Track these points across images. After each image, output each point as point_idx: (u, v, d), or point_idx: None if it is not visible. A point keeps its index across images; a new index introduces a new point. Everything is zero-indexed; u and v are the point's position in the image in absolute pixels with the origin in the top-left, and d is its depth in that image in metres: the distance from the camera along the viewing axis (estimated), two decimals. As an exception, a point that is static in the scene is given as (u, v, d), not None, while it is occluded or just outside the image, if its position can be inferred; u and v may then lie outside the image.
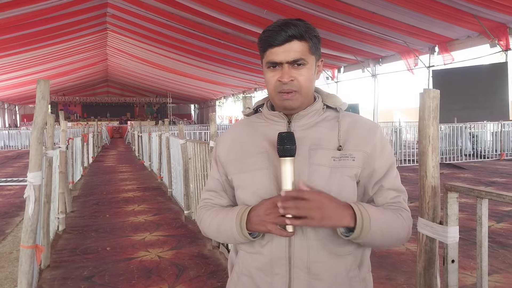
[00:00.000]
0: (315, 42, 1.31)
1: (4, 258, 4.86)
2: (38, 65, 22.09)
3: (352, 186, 1.29)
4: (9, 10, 12.80)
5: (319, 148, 1.30)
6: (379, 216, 1.24)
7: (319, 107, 1.36)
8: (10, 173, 12.46)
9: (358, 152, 1.30)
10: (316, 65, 1.34)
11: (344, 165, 1.28)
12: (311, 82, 1.32)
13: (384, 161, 1.32)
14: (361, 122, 1.36)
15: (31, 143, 2.98)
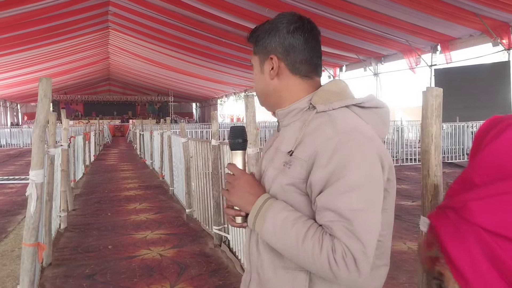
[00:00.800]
0: (258, 42, 1.26)
1: (6, 256, 4.87)
2: (40, 63, 22.12)
3: (287, 199, 1.13)
4: (12, 8, 12.83)
5: (279, 150, 1.21)
6: (281, 219, 1.08)
7: (303, 106, 1.21)
8: (12, 171, 12.48)
9: (296, 160, 1.12)
10: (263, 64, 1.26)
11: (283, 173, 1.15)
12: (258, 82, 1.29)
13: (324, 174, 1.05)
14: (327, 125, 1.12)
15: (33, 141, 2.98)
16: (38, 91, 2.94)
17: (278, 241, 1.09)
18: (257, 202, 1.15)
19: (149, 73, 30.15)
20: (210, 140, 5.10)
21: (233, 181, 1.21)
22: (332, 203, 1.03)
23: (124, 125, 33.15)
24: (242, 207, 1.19)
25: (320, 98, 1.19)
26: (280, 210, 1.10)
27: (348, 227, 1.00)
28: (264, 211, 1.12)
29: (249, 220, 1.16)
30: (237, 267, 4.22)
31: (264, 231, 1.12)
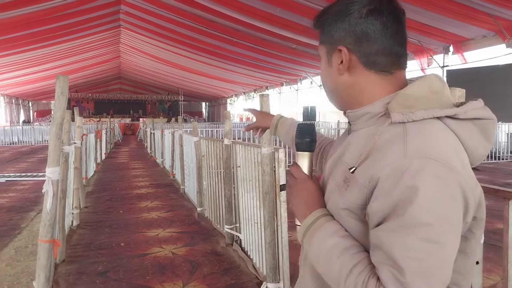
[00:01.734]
0: (326, 28, 1.04)
1: (20, 252, 4.91)
2: (51, 61, 22.30)
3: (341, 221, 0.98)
4: (24, 7, 12.94)
5: (342, 161, 1.03)
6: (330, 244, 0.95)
7: (376, 110, 0.99)
8: (24, 168, 12.60)
9: (355, 181, 0.93)
10: (330, 56, 1.05)
11: (339, 192, 0.99)
12: (326, 77, 1.08)
13: (383, 204, 0.86)
14: (401, 141, 0.89)
15: (50, 139, 3.00)
16: (56, 88, 2.96)
17: (320, 266, 0.98)
18: (308, 218, 1.02)
19: (160, 72, 30.27)
20: (223, 139, 5.10)
21: (294, 185, 1.10)
22: (386, 243, 0.84)
23: (134, 123, 33.32)
24: (296, 216, 1.09)
25: (398, 104, 0.95)
26: (330, 234, 0.96)
27: (398, 276, 0.82)
28: (313, 231, 1.00)
29: (298, 233, 1.06)
30: (249, 266, 4.22)
31: (309, 253, 1.02)
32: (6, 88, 28.37)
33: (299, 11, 12.22)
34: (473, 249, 0.97)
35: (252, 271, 4.10)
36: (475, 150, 0.95)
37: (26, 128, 24.55)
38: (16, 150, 19.71)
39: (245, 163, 4.31)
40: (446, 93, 0.97)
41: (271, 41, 16.26)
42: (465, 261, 0.95)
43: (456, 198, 0.85)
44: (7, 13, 13.06)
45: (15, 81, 25.91)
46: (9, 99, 31.61)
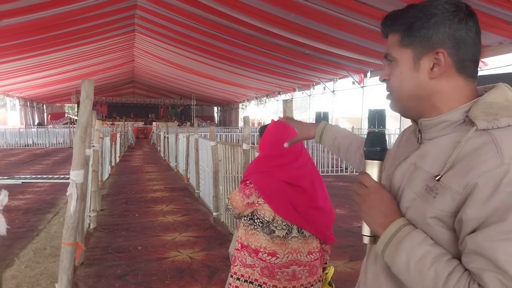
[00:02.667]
0: (412, 31, 1.02)
1: (39, 253, 4.95)
2: (66, 65, 22.53)
3: (428, 230, 0.95)
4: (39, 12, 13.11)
5: (420, 168, 1.01)
6: (419, 255, 0.92)
7: (456, 118, 0.99)
8: (40, 170, 12.72)
9: (445, 189, 0.92)
10: (418, 60, 1.02)
11: (425, 200, 0.96)
12: (403, 82, 1.05)
13: (482, 211, 0.86)
14: (490, 147, 0.89)
15: (75, 142, 3.01)
16: (81, 92, 2.97)
17: (410, 278, 0.94)
18: (390, 228, 0.98)
19: (173, 76, 30.41)
20: (240, 144, 5.10)
21: (366, 195, 1.05)
22: (488, 249, 0.84)
23: (147, 127, 33.49)
24: (371, 226, 1.04)
25: (481, 112, 0.94)
26: (418, 244, 0.93)
27: (504, 281, 0.81)
28: (398, 241, 0.96)
29: (378, 246, 1.01)
30: (267, 272, 4.19)
31: (396, 263, 0.96)
32: (21, 91, 28.73)
33: (314, 17, 12.22)
34: None
35: (271, 277, 4.07)
36: None
37: (41, 131, 24.80)
38: (31, 152, 19.92)
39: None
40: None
41: (285, 46, 16.26)
42: None
43: None
44: (24, 17, 13.24)
45: (30, 84, 26.23)
46: (24, 102, 31.98)
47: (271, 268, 2.09)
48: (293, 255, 2.11)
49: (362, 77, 19.37)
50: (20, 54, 17.56)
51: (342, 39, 13.78)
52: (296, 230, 2.13)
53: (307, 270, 2.14)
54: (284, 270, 2.09)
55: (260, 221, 2.14)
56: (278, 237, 2.11)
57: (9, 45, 15.78)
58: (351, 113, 30.28)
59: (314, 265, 2.18)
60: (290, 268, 2.10)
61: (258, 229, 2.15)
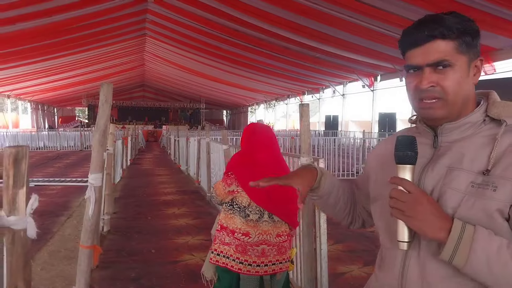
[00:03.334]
0: (467, 39, 1.09)
1: (54, 256, 4.99)
2: (77, 68, 22.77)
3: (489, 224, 0.99)
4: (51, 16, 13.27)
5: (457, 169, 1.07)
6: (495, 248, 0.95)
7: (477, 119, 1.11)
8: (52, 173, 12.82)
9: (504, 180, 0.99)
10: (470, 66, 1.11)
11: (481, 195, 1.01)
12: (461, 87, 1.09)
13: None
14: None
15: (93, 146, 3.04)
16: (100, 96, 2.99)
17: (492, 274, 0.96)
18: (455, 228, 0.98)
19: (183, 80, 30.58)
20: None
21: (414, 200, 1.02)
22: None
23: (157, 130, 33.66)
24: (426, 233, 1.01)
25: (501, 111, 1.09)
26: (489, 236, 0.97)
27: None
28: (468, 239, 0.97)
29: (445, 250, 0.99)
30: (282, 276, 4.19)
31: (472, 261, 0.97)
32: (33, 95, 29.05)
33: (323, 20, 12.24)
34: None
35: (285, 281, 4.07)
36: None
37: (52, 134, 25.01)
38: (43, 155, 20.08)
39: (279, 172, 4.30)
40: None
41: (294, 49, 16.29)
42: None
43: None
44: (36, 21, 13.41)
45: (41, 88, 26.54)
46: (36, 105, 32.31)
47: (244, 246, 2.54)
48: (263, 236, 2.56)
49: (373, 81, 19.33)
50: (32, 58, 17.78)
51: (353, 43, 13.79)
52: (267, 215, 2.57)
53: (275, 249, 2.58)
54: (254, 248, 2.55)
55: (238, 206, 2.59)
56: (252, 220, 2.55)
57: (21, 49, 15.99)
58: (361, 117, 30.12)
59: (283, 246, 2.62)
60: (260, 247, 2.55)
61: (235, 213, 2.58)
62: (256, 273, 2.55)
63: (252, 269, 2.54)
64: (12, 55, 16.67)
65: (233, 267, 2.56)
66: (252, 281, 2.57)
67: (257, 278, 2.57)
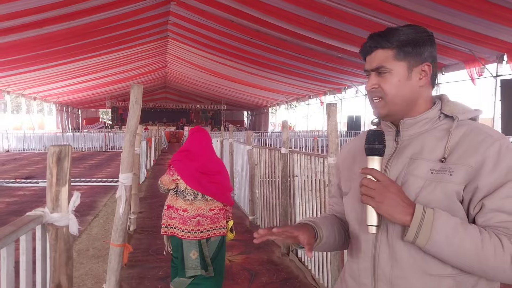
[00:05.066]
0: (406, 48, 1.26)
1: (82, 255, 5.09)
2: (101, 71, 23.15)
3: (448, 205, 1.14)
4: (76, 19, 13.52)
5: (418, 158, 1.22)
6: (451, 227, 1.09)
7: (433, 115, 1.28)
8: (78, 174, 13.05)
9: (459, 165, 1.15)
10: (411, 71, 1.26)
11: (440, 180, 1.16)
12: (399, 89, 1.26)
13: (493, 179, 1.12)
14: (477, 131, 1.20)
15: (124, 146, 3.09)
16: (130, 97, 3.05)
17: (451, 250, 1.10)
18: (417, 212, 1.12)
19: (204, 81, 30.76)
20: (279, 148, 5.12)
21: (382, 188, 1.15)
22: (506, 205, 1.10)
23: (179, 131, 33.94)
24: (393, 217, 1.14)
25: (455, 108, 1.27)
26: (446, 218, 1.11)
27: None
28: (429, 221, 1.10)
29: (410, 232, 1.12)
30: (308, 277, 4.19)
31: (433, 242, 1.10)
32: (58, 97, 29.64)
33: (346, 20, 12.16)
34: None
35: (311, 282, 4.07)
36: None
37: (77, 135, 25.48)
38: (68, 156, 20.44)
39: (303, 173, 4.31)
40: None
41: (316, 50, 16.22)
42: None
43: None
44: (61, 25, 13.69)
45: (66, 90, 27.06)
46: (60, 107, 32.96)
47: (184, 219, 3.33)
48: (198, 211, 3.36)
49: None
50: (57, 60, 18.14)
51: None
52: (200, 196, 3.38)
53: (209, 220, 3.39)
54: (192, 220, 3.33)
55: (179, 191, 3.39)
56: (188, 200, 3.37)
57: (46, 52, 16.33)
58: (383, 117, 29.72)
59: (215, 217, 3.42)
60: (196, 218, 3.35)
61: (178, 195, 3.40)
62: (194, 238, 3.33)
63: (191, 235, 3.33)
64: (37, 58, 17.07)
65: (178, 234, 3.34)
66: (192, 244, 3.34)
67: (195, 241, 3.34)
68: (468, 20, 10.71)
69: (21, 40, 14.20)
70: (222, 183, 3.49)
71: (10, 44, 14.32)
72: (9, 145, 22.70)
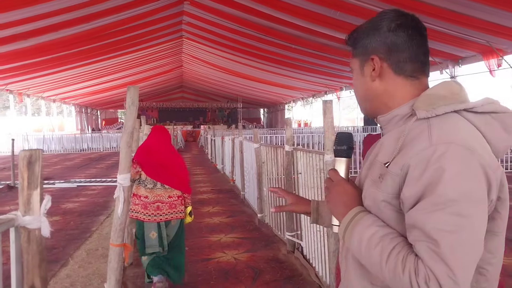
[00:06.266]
0: (356, 44, 1.21)
1: (92, 254, 5.17)
2: (118, 72, 23.40)
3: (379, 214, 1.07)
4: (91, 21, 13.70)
5: (376, 160, 1.14)
6: (367, 235, 1.03)
7: (404, 112, 1.13)
8: (94, 174, 13.26)
9: (389, 174, 1.04)
10: (363, 66, 1.19)
11: (375, 186, 1.09)
12: (358, 87, 1.23)
13: (415, 188, 0.97)
14: (426, 134, 1.01)
15: (121, 147, 3.13)
16: (126, 98, 3.08)
17: (363, 257, 1.06)
18: (347, 215, 1.11)
19: (220, 80, 30.83)
20: (283, 146, 5.11)
21: (331, 188, 1.19)
22: (419, 221, 0.94)
23: (195, 130, 34.14)
24: (335, 215, 1.18)
25: (422, 103, 1.08)
26: (368, 226, 1.05)
27: (434, 248, 0.91)
28: (353, 225, 1.09)
29: (339, 232, 1.15)
30: (311, 275, 4.17)
31: (351, 246, 1.10)
32: (77, 98, 30.09)
33: (360, 14, 12.03)
34: (501, 228, 1.06)
35: (315, 280, 4.05)
36: (496, 142, 1.05)
37: (95, 136, 25.86)
38: (86, 156, 20.80)
39: (307, 170, 4.29)
40: (463, 94, 1.09)
41: (331, 45, 16.09)
42: (494, 240, 1.05)
43: (478, 176, 0.95)
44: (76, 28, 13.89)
45: (85, 91, 27.44)
46: (79, 108, 33.45)
47: (146, 204, 3.86)
48: (157, 197, 3.89)
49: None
50: (75, 62, 18.41)
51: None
52: (159, 184, 3.90)
53: (167, 205, 3.90)
54: (152, 205, 3.86)
55: (141, 180, 3.91)
56: (149, 188, 3.89)
57: (64, 54, 16.58)
58: (401, 112, 29.29)
59: (173, 203, 3.92)
60: (155, 204, 3.87)
61: (140, 184, 3.92)
62: (154, 220, 3.86)
63: (151, 218, 3.86)
64: (55, 61, 17.34)
65: (140, 218, 3.88)
66: (152, 226, 3.86)
67: (155, 224, 3.86)
68: (484, 11, 10.48)
69: (39, 44, 14.48)
70: (178, 175, 4.00)
71: (28, 48, 14.59)
72: (29, 147, 23.17)
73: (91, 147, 24.80)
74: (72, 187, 10.44)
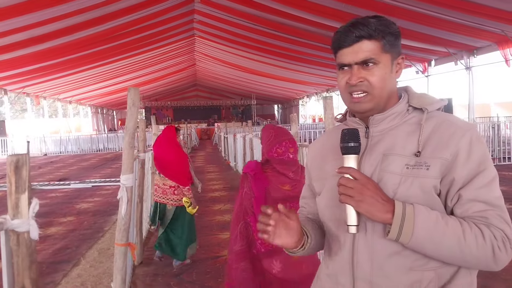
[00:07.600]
0: (390, 40, 1.21)
1: (103, 253, 5.23)
2: (132, 72, 23.60)
3: (427, 199, 1.13)
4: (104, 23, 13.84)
5: (392, 154, 1.19)
6: (433, 221, 1.08)
7: (401, 109, 1.25)
8: (109, 174, 13.41)
9: (434, 159, 1.14)
10: (393, 63, 1.23)
11: (416, 175, 1.14)
12: (385, 82, 1.22)
13: (467, 170, 1.11)
14: (447, 123, 1.18)
15: (123, 148, 3.16)
16: (127, 100, 3.11)
17: (434, 244, 1.09)
18: (397, 209, 1.09)
19: (233, 77, 30.89)
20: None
21: (361, 186, 1.12)
22: (482, 195, 1.10)
23: (210, 128, 34.27)
24: (373, 215, 1.11)
25: (422, 101, 1.24)
26: (427, 212, 1.10)
27: (500, 214, 1.10)
28: (410, 217, 1.08)
29: (392, 230, 1.10)
30: (319, 271, 4.16)
31: (416, 238, 1.08)
32: (92, 99, 30.47)
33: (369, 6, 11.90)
34: None
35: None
36: None
37: (111, 136, 26.13)
38: (102, 156, 21.04)
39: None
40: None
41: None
42: None
43: None
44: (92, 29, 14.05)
45: (100, 92, 27.76)
46: (95, 109, 33.86)
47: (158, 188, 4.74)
48: (157, 182, 4.77)
49: (426, 66, 18.61)
50: (89, 64, 18.64)
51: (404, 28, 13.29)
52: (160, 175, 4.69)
53: (161, 191, 4.67)
54: (156, 187, 4.78)
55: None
56: (158, 175, 4.74)
57: (78, 56, 16.79)
58: (416, 105, 29.06)
59: (166, 191, 4.64)
60: (155, 186, 4.80)
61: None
62: (156, 200, 4.78)
63: (154, 197, 4.87)
64: (70, 63, 17.57)
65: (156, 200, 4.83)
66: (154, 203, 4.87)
67: (155, 202, 4.82)
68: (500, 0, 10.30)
69: (54, 46, 14.67)
70: (171, 167, 4.60)
71: (44, 51, 14.82)
72: (46, 149, 23.54)
73: (107, 147, 25.07)
74: (87, 187, 10.58)
